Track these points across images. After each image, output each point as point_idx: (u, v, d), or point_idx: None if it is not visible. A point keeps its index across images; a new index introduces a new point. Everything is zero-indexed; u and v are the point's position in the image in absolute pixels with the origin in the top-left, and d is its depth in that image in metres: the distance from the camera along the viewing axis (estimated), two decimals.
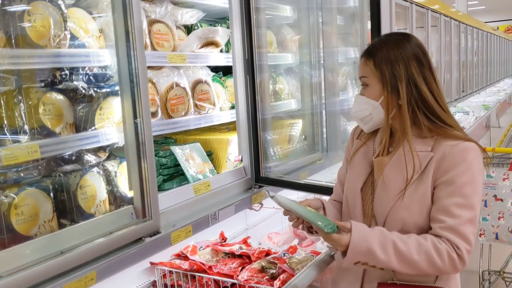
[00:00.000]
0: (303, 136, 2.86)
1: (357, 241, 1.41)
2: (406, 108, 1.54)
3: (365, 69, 1.59)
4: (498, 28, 14.00)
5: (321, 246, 2.61)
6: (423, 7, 5.12)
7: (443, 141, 1.55)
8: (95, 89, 1.74)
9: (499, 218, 3.33)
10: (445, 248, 1.43)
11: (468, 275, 3.92)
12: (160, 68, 2.16)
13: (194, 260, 2.23)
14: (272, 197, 1.54)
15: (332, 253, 2.01)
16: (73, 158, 1.72)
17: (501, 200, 3.33)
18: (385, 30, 2.67)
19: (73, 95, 1.70)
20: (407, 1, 4.59)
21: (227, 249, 2.34)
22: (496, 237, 3.36)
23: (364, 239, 1.42)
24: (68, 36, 1.67)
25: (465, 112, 7.01)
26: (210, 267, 2.18)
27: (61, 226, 1.62)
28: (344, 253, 1.45)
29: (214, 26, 2.59)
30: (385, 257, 1.42)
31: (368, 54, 1.58)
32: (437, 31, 5.75)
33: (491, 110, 7.80)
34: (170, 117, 2.12)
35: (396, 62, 1.55)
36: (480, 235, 3.39)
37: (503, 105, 9.43)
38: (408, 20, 4.67)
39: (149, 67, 2.03)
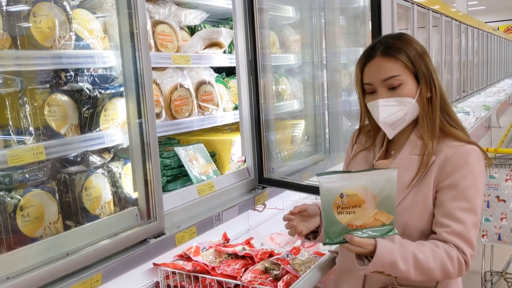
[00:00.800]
0: (306, 137, 2.86)
1: (382, 254, 1.37)
2: (439, 101, 1.55)
3: (396, 67, 1.52)
4: (498, 28, 13.99)
5: (324, 247, 2.61)
6: (424, 7, 5.13)
7: (444, 143, 1.54)
8: (100, 90, 1.74)
9: (501, 219, 3.33)
10: (456, 254, 1.43)
11: (470, 276, 3.92)
12: (164, 69, 2.16)
13: (197, 261, 2.23)
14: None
15: (334, 257, 2.01)
16: (78, 159, 1.72)
17: (504, 201, 3.33)
18: (386, 30, 2.67)
19: (78, 96, 1.70)
20: (408, 1, 4.59)
21: (230, 250, 2.34)
22: (499, 238, 3.36)
23: (389, 251, 1.39)
24: (73, 37, 1.67)
25: (466, 112, 7.01)
26: (213, 268, 2.19)
27: (66, 227, 1.62)
28: (360, 258, 1.43)
29: (218, 27, 2.59)
30: (405, 268, 1.40)
31: (396, 51, 1.52)
32: (438, 32, 5.76)
33: (491, 110, 7.81)
34: (174, 118, 2.12)
35: (423, 55, 1.55)
36: (483, 236, 3.39)
37: (503, 105, 9.44)
38: (410, 21, 4.67)
39: (153, 68, 2.02)
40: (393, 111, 1.53)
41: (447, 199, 1.48)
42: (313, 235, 1.70)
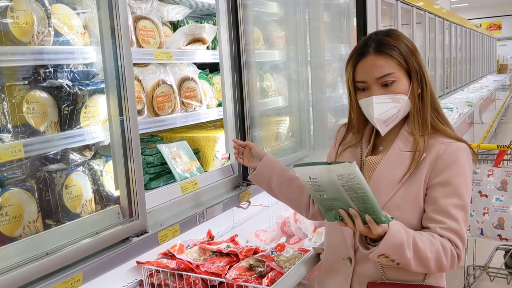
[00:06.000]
0: (290, 133, 2.85)
1: (393, 233, 1.36)
2: (429, 97, 1.59)
3: (390, 64, 1.53)
4: (480, 25, 14.18)
5: (309, 244, 2.62)
6: (408, 4, 5.16)
7: (435, 139, 1.56)
8: (80, 86, 1.71)
9: (483, 214, 3.37)
10: (450, 247, 1.46)
11: (454, 271, 3.96)
12: (146, 65, 2.13)
13: (181, 259, 2.21)
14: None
15: (318, 253, 2.01)
16: (58, 157, 1.68)
17: (486, 196, 3.37)
18: (371, 27, 2.67)
19: (57, 93, 1.67)
20: None
21: (214, 247, 2.33)
22: (481, 233, 3.40)
23: (399, 231, 1.38)
24: (52, 33, 1.64)
25: (449, 108, 7.08)
26: (197, 266, 2.17)
27: (46, 226, 1.59)
28: (364, 244, 1.42)
29: (201, 22, 2.56)
30: (409, 254, 1.40)
31: (389, 48, 1.53)
32: (421, 28, 5.80)
33: (474, 106, 7.90)
34: (156, 114, 2.09)
35: (414, 52, 1.57)
36: None
37: (485, 101, 9.57)
38: (394, 17, 4.69)
39: (134, 64, 2.00)
40: (387, 108, 1.55)
41: (440, 196, 1.50)
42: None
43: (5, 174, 1.53)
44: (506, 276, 3.78)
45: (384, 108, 1.54)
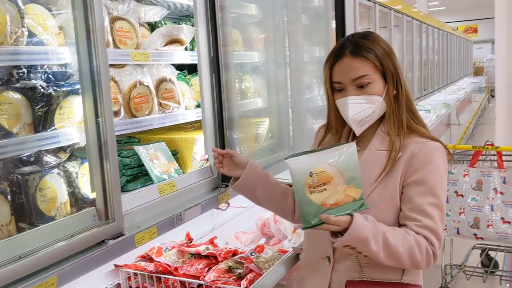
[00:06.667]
0: (270, 135, 2.85)
1: (357, 227, 1.40)
2: (404, 99, 1.61)
3: (365, 66, 1.56)
4: (457, 28, 14.41)
5: (288, 245, 2.63)
6: (386, 7, 5.22)
7: (410, 139, 1.59)
8: (54, 87, 1.68)
9: (460, 214, 3.43)
10: (425, 244, 1.48)
11: (431, 270, 4.01)
12: (122, 66, 2.11)
13: (159, 262, 2.20)
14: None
15: (298, 253, 2.02)
16: (32, 159, 1.65)
17: (462, 196, 3.43)
18: (349, 29, 2.69)
19: (31, 94, 1.64)
20: (370, 0, 4.66)
21: (193, 250, 2.32)
22: (458, 232, 3.46)
23: (364, 227, 1.42)
24: (26, 33, 1.61)
25: (427, 110, 7.20)
26: (176, 269, 2.16)
27: (19, 230, 1.56)
28: (334, 234, 1.45)
29: (179, 23, 2.55)
30: (376, 248, 1.43)
31: (365, 51, 1.56)
32: (399, 31, 5.88)
33: (451, 108, 8.03)
34: (133, 116, 2.07)
35: (390, 55, 1.60)
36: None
37: (462, 103, 9.73)
38: (372, 20, 4.75)
39: (111, 65, 1.98)
40: (362, 109, 1.57)
41: (415, 195, 1.53)
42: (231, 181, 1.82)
43: None
44: (482, 274, 3.84)
45: (359, 109, 1.57)
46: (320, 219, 1.40)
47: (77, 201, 1.75)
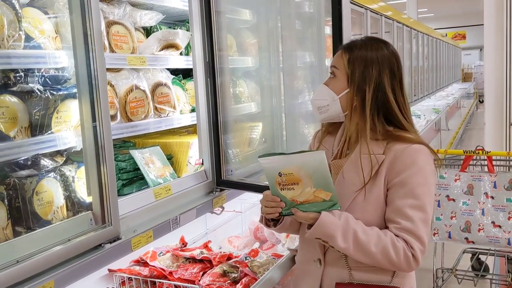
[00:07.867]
0: (263, 139, 2.87)
1: (322, 224, 1.47)
2: (369, 112, 1.57)
3: (339, 61, 1.61)
4: (446, 35, 14.58)
5: (282, 249, 2.63)
6: (377, 13, 5.27)
7: (394, 144, 1.59)
8: (51, 91, 1.68)
9: (451, 218, 3.46)
10: (402, 246, 1.49)
11: (423, 273, 4.05)
12: (119, 70, 2.12)
13: (154, 266, 2.19)
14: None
15: (293, 255, 2.03)
16: (29, 163, 1.65)
17: (453, 200, 3.46)
18: (346, 35, 2.71)
19: (28, 98, 1.64)
20: (362, 7, 4.71)
21: (187, 254, 2.32)
22: (449, 236, 3.48)
23: (331, 222, 1.48)
24: (23, 37, 1.61)
25: (417, 115, 7.25)
26: (170, 273, 2.16)
27: (16, 234, 1.55)
28: (309, 228, 1.52)
29: (174, 28, 2.56)
30: (344, 245, 1.48)
31: (347, 48, 1.61)
32: (390, 37, 5.93)
33: (441, 113, 8.11)
34: (129, 120, 2.08)
35: (370, 65, 1.57)
36: (434, 234, 3.50)
37: (451, 108, 9.82)
38: (363, 26, 4.79)
39: (107, 69, 1.98)
40: (321, 97, 1.64)
41: (396, 197, 1.54)
42: (273, 222, 1.73)
43: None
44: (472, 278, 3.87)
45: (320, 96, 1.64)
46: (291, 211, 1.51)
47: (74, 205, 1.74)
